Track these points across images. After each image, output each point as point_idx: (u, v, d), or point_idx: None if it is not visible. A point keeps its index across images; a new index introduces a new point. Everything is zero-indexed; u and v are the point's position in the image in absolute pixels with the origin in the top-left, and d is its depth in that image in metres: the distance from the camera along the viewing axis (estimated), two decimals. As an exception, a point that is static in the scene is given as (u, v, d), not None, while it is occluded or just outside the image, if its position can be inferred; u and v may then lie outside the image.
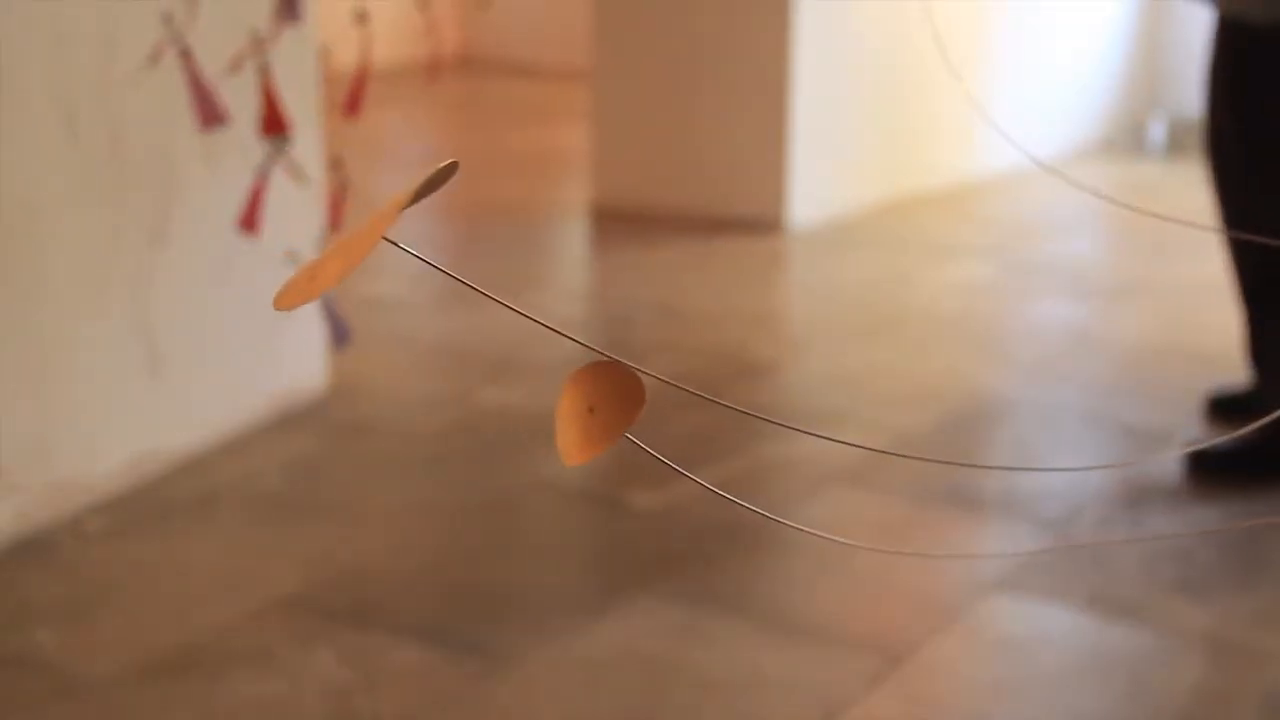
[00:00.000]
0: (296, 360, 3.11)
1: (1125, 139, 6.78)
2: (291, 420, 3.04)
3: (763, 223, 4.93)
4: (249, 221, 2.36)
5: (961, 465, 2.90)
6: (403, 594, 2.38)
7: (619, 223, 5.01)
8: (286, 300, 0.66)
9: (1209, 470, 2.86)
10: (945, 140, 5.58)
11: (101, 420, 2.64)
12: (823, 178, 5.08)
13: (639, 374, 0.69)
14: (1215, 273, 4.41)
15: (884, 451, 2.90)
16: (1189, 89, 6.94)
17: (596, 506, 2.73)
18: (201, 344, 2.86)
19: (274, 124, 2.28)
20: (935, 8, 4.52)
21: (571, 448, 0.69)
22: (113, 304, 2.65)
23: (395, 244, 0.66)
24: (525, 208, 5.39)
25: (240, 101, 2.51)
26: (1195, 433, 3.09)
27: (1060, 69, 6.43)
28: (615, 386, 0.69)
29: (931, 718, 2.03)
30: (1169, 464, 2.88)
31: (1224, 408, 3.15)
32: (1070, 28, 6.45)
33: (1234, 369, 3.32)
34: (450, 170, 0.68)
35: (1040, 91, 6.28)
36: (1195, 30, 6.93)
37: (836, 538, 2.42)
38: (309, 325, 3.08)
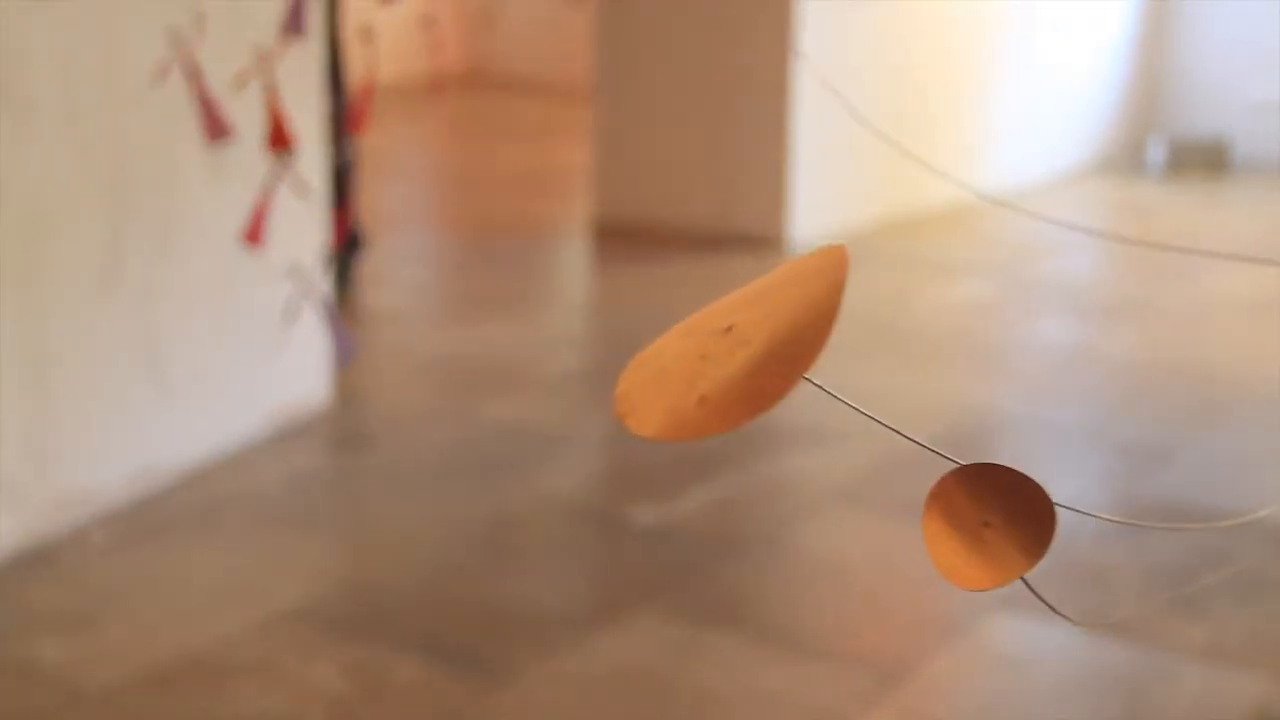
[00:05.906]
0: (299, 373, 3.12)
1: (1125, 159, 6.81)
2: (294, 433, 3.05)
3: (764, 239, 4.95)
4: (254, 235, 2.37)
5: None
6: (404, 607, 2.39)
7: (621, 239, 5.03)
8: (646, 425, 0.49)
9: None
10: (945, 159, 5.60)
11: (105, 433, 2.65)
12: (823, 195, 5.10)
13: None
14: (1212, 291, 4.43)
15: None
16: (1188, 111, 6.97)
17: (597, 522, 2.74)
18: (205, 357, 2.87)
19: (279, 139, 2.30)
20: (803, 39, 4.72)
21: (971, 571, 0.54)
22: (117, 316, 2.66)
23: (816, 384, 0.55)
24: (527, 223, 5.41)
25: (246, 116, 2.53)
26: None
27: (1062, 90, 6.46)
28: (1011, 496, 0.55)
29: (929, 733, 2.04)
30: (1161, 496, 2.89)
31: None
32: (1072, 50, 6.48)
33: (1231, 385, 3.34)
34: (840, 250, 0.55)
35: (1042, 112, 6.31)
36: (1195, 54, 6.96)
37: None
38: (312, 339, 3.09)
